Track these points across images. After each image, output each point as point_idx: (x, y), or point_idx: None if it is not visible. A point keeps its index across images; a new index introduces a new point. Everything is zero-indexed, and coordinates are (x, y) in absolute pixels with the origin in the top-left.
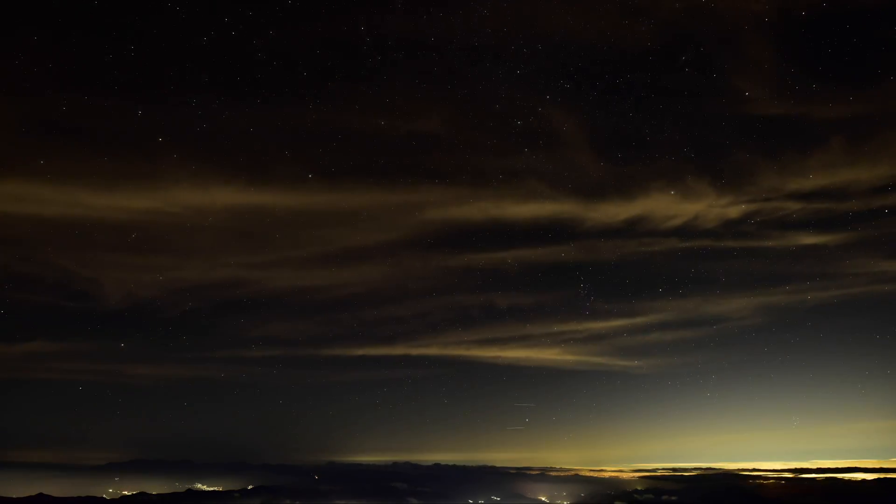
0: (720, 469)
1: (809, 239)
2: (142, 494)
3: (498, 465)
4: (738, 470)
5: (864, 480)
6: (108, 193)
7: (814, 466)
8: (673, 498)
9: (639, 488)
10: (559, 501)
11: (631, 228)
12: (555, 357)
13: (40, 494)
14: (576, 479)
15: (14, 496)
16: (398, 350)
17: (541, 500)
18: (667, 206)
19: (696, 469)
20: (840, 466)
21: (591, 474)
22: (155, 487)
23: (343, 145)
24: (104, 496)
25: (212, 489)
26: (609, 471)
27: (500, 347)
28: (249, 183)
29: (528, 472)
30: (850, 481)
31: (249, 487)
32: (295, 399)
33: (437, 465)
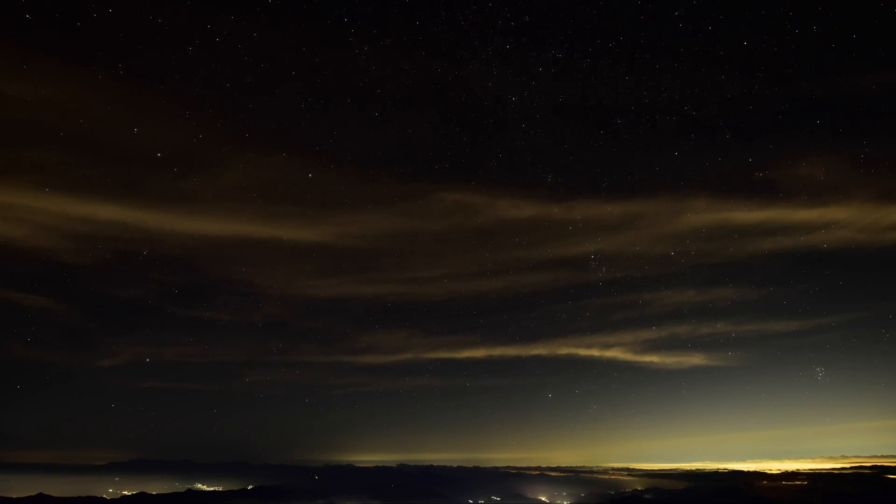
0: (720, 469)
1: None
2: (142, 494)
3: (498, 465)
4: (739, 470)
5: (864, 479)
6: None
7: (813, 467)
8: (673, 498)
9: (639, 488)
10: (559, 501)
11: None
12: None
13: (40, 494)
14: (576, 479)
15: (14, 496)
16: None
17: (541, 500)
18: None
19: (696, 469)
20: (840, 466)
21: (591, 474)
22: (155, 487)
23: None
24: (104, 496)
25: (212, 489)
26: (609, 471)
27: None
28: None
29: (528, 472)
30: (849, 480)
31: (249, 487)
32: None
33: (437, 466)
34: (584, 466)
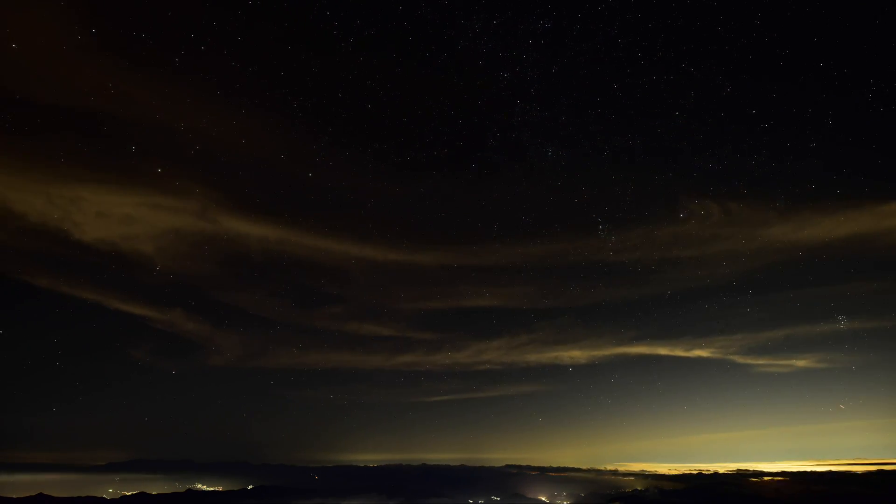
0: (720, 469)
1: None
2: (142, 494)
3: (498, 465)
4: (738, 470)
5: (863, 479)
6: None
7: (813, 467)
8: (673, 498)
9: (639, 488)
10: (559, 501)
11: None
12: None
13: (40, 494)
14: (576, 479)
15: (14, 496)
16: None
17: (541, 500)
18: None
19: (696, 469)
20: (840, 466)
21: (591, 474)
22: (155, 487)
23: None
24: (104, 496)
25: (212, 489)
26: (609, 471)
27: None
28: None
29: (528, 472)
30: (849, 480)
31: (249, 487)
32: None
33: (437, 466)
34: (584, 466)
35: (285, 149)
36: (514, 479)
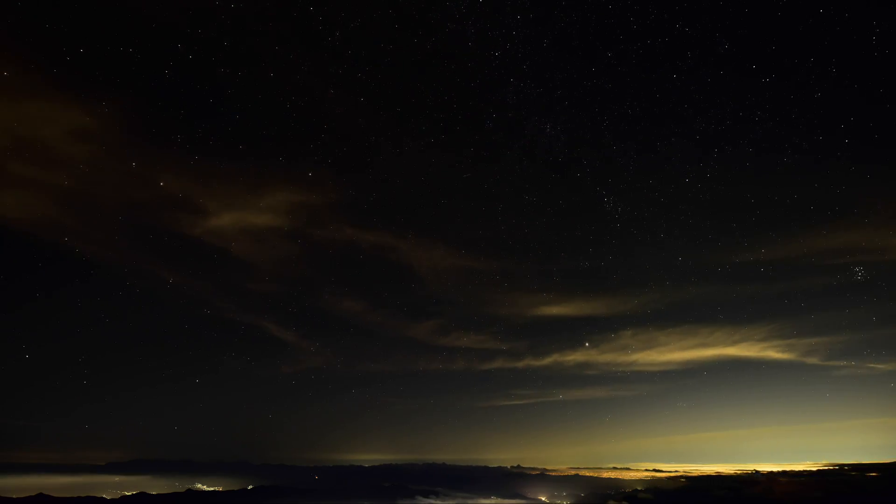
0: (720, 469)
1: None
2: (142, 494)
3: (498, 465)
4: (738, 470)
5: (864, 478)
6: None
7: (813, 467)
8: (672, 498)
9: (639, 488)
10: (559, 501)
11: None
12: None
13: (40, 494)
14: (576, 479)
15: (14, 496)
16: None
17: (541, 500)
18: None
19: (696, 469)
20: (841, 466)
21: (591, 474)
22: (155, 487)
23: None
24: (104, 496)
25: (212, 489)
26: (609, 471)
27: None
28: None
29: (528, 472)
30: (850, 480)
31: (249, 487)
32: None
33: (437, 465)
34: (584, 466)
35: (285, 151)
36: (514, 479)
